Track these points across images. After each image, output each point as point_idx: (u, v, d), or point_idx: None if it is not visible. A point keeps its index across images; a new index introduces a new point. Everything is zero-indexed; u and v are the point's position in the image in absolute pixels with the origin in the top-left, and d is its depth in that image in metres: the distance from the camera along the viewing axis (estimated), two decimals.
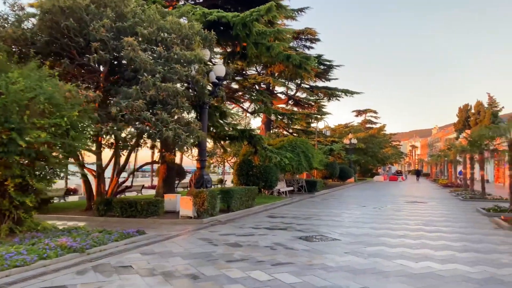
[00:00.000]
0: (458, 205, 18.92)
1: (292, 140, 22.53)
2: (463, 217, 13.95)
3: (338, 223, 12.31)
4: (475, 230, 11.01)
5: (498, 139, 21.15)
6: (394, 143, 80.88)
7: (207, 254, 7.84)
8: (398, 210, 16.43)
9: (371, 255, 7.71)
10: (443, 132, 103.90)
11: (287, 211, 15.76)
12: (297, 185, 25.69)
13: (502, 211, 14.43)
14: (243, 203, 14.98)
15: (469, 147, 22.21)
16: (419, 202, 20.51)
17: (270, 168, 20.33)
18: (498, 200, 20.30)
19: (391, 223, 12.39)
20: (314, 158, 22.59)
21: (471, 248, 8.40)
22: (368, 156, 56.16)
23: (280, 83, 31.00)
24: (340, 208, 17.08)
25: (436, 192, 29.16)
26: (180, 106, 11.71)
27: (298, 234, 10.22)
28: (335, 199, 21.93)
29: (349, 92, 35.83)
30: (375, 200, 21.24)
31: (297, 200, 20.42)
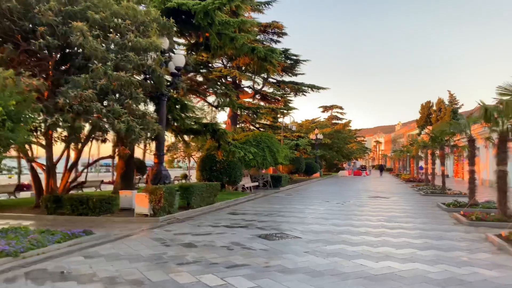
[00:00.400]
0: (419, 200, 19.15)
1: (257, 135, 22.12)
2: (424, 213, 14.00)
3: (300, 219, 12.00)
4: (436, 226, 10.98)
5: (458, 135, 21.61)
6: (359, 138, 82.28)
7: (158, 256, 7.26)
8: (361, 205, 16.37)
9: (331, 254, 7.39)
10: (406, 128, 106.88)
11: (250, 207, 15.35)
12: (262, 181, 25.35)
13: (461, 206, 14.61)
14: (204, 200, 14.43)
15: (430, 143, 22.58)
16: (382, 197, 20.64)
17: (234, 163, 19.83)
18: (457, 195, 20.73)
19: (354, 219, 12.21)
20: (279, 153, 22.29)
21: (431, 245, 8.26)
22: (334, 151, 56.74)
23: (246, 76, 30.49)
24: (304, 203, 16.85)
25: (398, 187, 29.65)
26: (135, 97, 10.98)
27: (258, 232, 9.80)
28: (300, 194, 21.74)
29: (315, 87, 35.85)
30: (339, 195, 21.21)
31: (261, 196, 20.06)
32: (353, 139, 71.27)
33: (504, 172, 11.62)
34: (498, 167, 11.72)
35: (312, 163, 44.25)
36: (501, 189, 11.57)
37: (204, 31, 16.92)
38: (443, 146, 22.28)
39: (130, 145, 11.91)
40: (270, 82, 35.25)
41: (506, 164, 11.67)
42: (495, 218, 11.05)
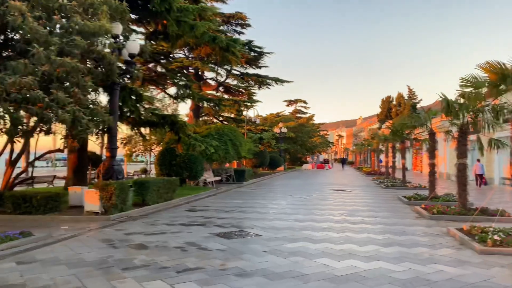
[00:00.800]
0: (380, 193, 19.24)
1: (219, 128, 21.46)
2: (385, 206, 13.93)
3: (262, 215, 11.54)
4: (398, 220, 10.85)
5: (417, 129, 21.92)
6: (322, 132, 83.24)
7: (102, 260, 6.55)
8: (324, 199, 16.17)
9: (292, 253, 6.96)
10: (367, 122, 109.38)
11: (211, 203, 14.75)
12: (225, 175, 24.76)
13: (422, 199, 14.68)
14: (162, 196, 13.67)
15: (391, 136, 22.79)
16: (344, 190, 20.62)
17: (195, 157, 19.12)
18: (417, 188, 21.04)
19: (316, 213, 11.90)
20: (242, 147, 21.76)
21: (394, 241, 8.02)
22: (298, 145, 56.94)
23: (209, 68, 29.67)
24: (266, 198, 16.44)
25: (360, 180, 29.95)
26: (82, 86, 10.06)
27: (217, 230, 9.24)
28: (263, 189, 21.35)
29: (279, 80, 35.52)
30: (303, 189, 21.00)
31: (223, 191, 19.48)
32: (317, 132, 71.94)
33: (464, 165, 11.66)
34: (458, 160, 11.74)
35: (276, 156, 44.09)
36: (461, 182, 11.61)
37: (162, 18, 16.01)
38: (404, 139, 22.55)
39: (80, 137, 10.96)
40: (233, 74, 34.60)
41: (466, 157, 11.72)
42: (455, 211, 11.06)
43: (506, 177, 23.92)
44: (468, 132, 11.79)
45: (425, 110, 15.35)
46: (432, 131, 15.39)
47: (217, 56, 19.97)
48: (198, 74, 32.96)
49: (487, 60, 7.73)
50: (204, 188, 19.64)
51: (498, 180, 24.59)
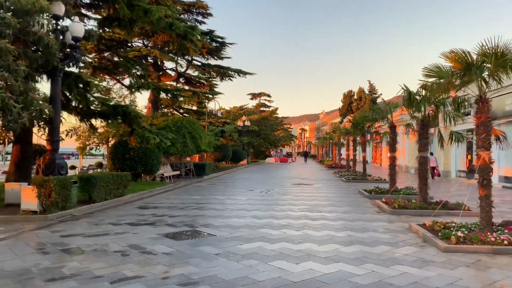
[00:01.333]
0: (341, 186, 19.04)
1: (177, 120, 20.47)
2: (346, 200, 13.62)
3: (218, 212, 10.85)
4: (359, 215, 10.49)
5: (377, 123, 21.91)
6: (285, 126, 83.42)
7: (26, 269, 5.64)
8: (284, 193, 15.69)
9: (246, 256, 6.33)
10: (329, 116, 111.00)
11: (166, 199, 13.88)
12: (184, 169, 23.82)
13: (383, 193, 14.51)
14: (111, 192, 12.67)
15: (352, 130, 22.68)
16: (305, 184, 20.29)
17: (151, 150, 18.09)
18: (377, 181, 21.06)
19: (276, 209, 11.36)
20: (202, 140, 20.90)
21: (355, 239, 7.57)
22: (261, 139, 56.54)
23: (168, 57, 28.45)
24: (226, 193, 15.75)
25: (321, 173, 29.87)
26: (14, 70, 8.91)
27: (167, 230, 8.47)
28: (224, 183, 20.65)
29: (242, 72, 34.79)
30: (264, 183, 20.49)
31: (181, 186, 18.60)
32: (280, 126, 71.93)
33: (425, 159, 11.47)
34: (419, 154, 11.54)
35: (239, 150, 43.44)
36: (422, 175, 11.42)
37: (113, 1, 14.85)
38: (364, 132, 22.51)
39: (12, 128, 9.77)
40: (194, 65, 33.53)
41: (427, 150, 11.53)
42: (416, 206, 10.84)
43: (462, 169, 24.51)
44: (429, 125, 11.60)
45: (386, 103, 15.16)
46: (393, 124, 15.22)
47: (174, 43, 18.93)
48: (157, 64, 31.66)
49: (452, 48, 7.39)
50: (160, 183, 18.68)
51: (455, 172, 25.17)
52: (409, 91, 11.11)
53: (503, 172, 19.90)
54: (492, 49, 7.00)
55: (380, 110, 15.40)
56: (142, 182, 18.22)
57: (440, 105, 11.12)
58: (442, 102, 10.98)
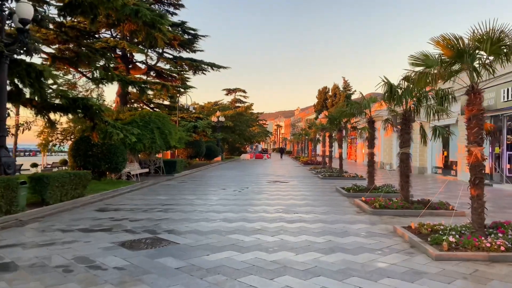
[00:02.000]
0: (318, 184, 18.36)
1: (145, 114, 19.25)
2: (324, 199, 12.89)
3: (186, 215, 9.87)
4: (339, 216, 9.73)
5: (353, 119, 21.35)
6: (261, 122, 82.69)
7: None
8: (259, 192, 14.83)
9: (212, 271, 5.41)
10: (304, 113, 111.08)
11: (129, 200, 12.76)
12: (154, 167, 22.62)
13: (361, 191, 13.89)
14: (68, 193, 11.46)
15: (328, 125, 22.05)
16: (281, 181, 19.51)
17: (116, 147, 16.85)
18: (354, 178, 20.52)
19: (249, 210, 10.48)
20: (172, 136, 19.75)
21: (337, 246, 6.78)
22: (236, 135, 55.57)
23: (137, 49, 27.02)
24: (196, 192, 14.75)
25: (297, 170, 29.23)
26: None
27: (124, 237, 7.44)
28: (196, 181, 19.61)
29: (215, 66, 33.73)
30: (238, 181, 19.58)
31: (149, 185, 17.46)
32: (255, 122, 71.10)
33: (407, 155, 10.85)
34: (401, 150, 10.91)
35: (213, 146, 42.33)
36: (403, 173, 10.80)
37: None
38: (341, 128, 21.92)
39: None
40: (166, 57, 32.24)
41: (409, 146, 10.91)
42: (398, 205, 10.19)
43: (438, 166, 24.34)
44: (411, 120, 10.97)
45: (364, 97, 14.51)
46: (372, 119, 14.62)
47: (142, 33, 17.71)
48: (126, 57, 30.19)
49: (442, 33, 6.67)
50: (126, 182, 17.46)
51: (431, 169, 25.00)
52: (390, 84, 10.43)
53: None
54: (486, 34, 6.31)
55: (358, 104, 14.74)
56: (107, 181, 16.96)
57: (423, 98, 10.48)
58: (425, 95, 10.35)
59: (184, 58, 32.87)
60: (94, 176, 17.25)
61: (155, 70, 31.93)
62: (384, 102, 14.29)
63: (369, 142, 14.50)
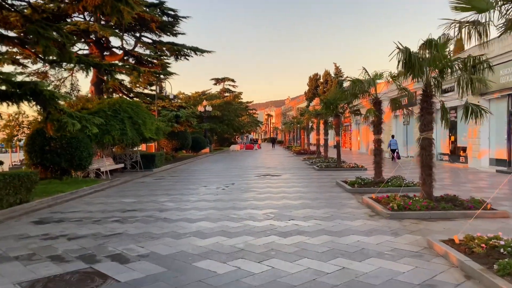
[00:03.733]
0: (314, 176, 16.12)
1: (115, 103, 16.72)
2: (324, 198, 10.63)
3: (147, 227, 7.54)
4: (347, 223, 7.48)
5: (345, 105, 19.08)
6: (251, 112, 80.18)
7: None
8: (247, 189, 12.54)
9: None
10: (295, 101, 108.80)
11: (86, 205, 10.38)
12: (130, 161, 20.19)
13: (367, 185, 11.71)
14: (3, 200, 9.05)
15: (324, 111, 19.78)
16: (273, 174, 17.24)
17: (79, 140, 14.41)
18: (354, 168, 18.35)
19: (231, 217, 8.19)
20: (146, 126, 17.29)
21: (357, 281, 4.51)
22: (224, 125, 53.05)
23: (110, 32, 24.32)
24: (171, 192, 12.41)
25: (290, 161, 26.99)
26: None
27: (43, 271, 5.09)
28: (175, 177, 17.26)
29: (199, 50, 31.10)
30: (224, 176, 17.28)
31: (119, 183, 15.07)
32: (245, 111, 68.61)
33: (429, 141, 8.61)
34: (422, 134, 8.66)
35: (200, 138, 39.84)
36: (425, 163, 8.56)
37: None
38: (338, 113, 19.64)
39: None
40: (144, 42, 29.49)
41: (432, 130, 8.67)
42: (422, 205, 7.96)
43: (444, 152, 22.26)
44: (431, 96, 8.71)
45: (369, 74, 12.20)
46: (378, 99, 12.35)
47: (107, 7, 15.11)
48: (100, 42, 27.48)
49: None
50: (94, 180, 15.03)
51: (436, 155, 22.89)
52: (408, 51, 8.14)
53: (494, 154, 17.65)
54: None
55: (361, 82, 12.42)
56: (69, 180, 14.50)
57: (449, 67, 8.22)
58: (452, 63, 8.09)
59: (165, 42, 30.24)
60: (55, 175, 14.85)
61: (133, 56, 29.21)
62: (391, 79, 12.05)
63: (375, 127, 12.25)
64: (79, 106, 16.73)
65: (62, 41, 13.34)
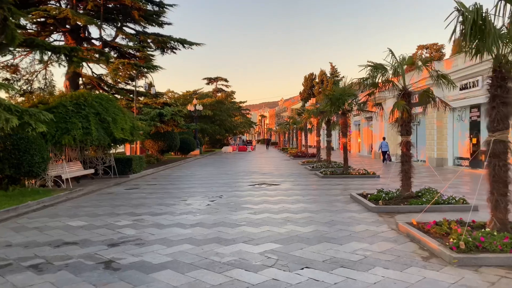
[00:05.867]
0: (320, 186, 13.36)
1: (79, 96, 13.80)
2: (342, 220, 7.87)
3: (78, 283, 4.71)
4: (396, 277, 4.69)
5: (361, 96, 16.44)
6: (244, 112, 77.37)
7: None
8: (237, 206, 9.71)
9: None
10: (289, 101, 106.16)
11: (13, 231, 7.49)
12: (102, 166, 17.28)
13: (394, 201, 8.98)
14: None
15: (329, 107, 17.02)
16: (269, 183, 14.45)
17: (29, 142, 11.54)
18: (365, 175, 15.63)
19: (212, 259, 5.39)
20: (118, 124, 14.39)
21: None
22: (216, 125, 50.14)
23: (84, 18, 21.46)
24: (138, 211, 9.55)
25: (287, 165, 24.21)
26: None
27: None
28: (152, 187, 14.40)
29: (187, 42, 28.29)
30: (211, 184, 14.46)
31: (80, 195, 12.18)
32: (238, 111, 65.78)
33: (505, 145, 5.86)
34: (492, 135, 5.91)
35: (189, 139, 36.94)
36: (498, 178, 5.82)
37: None
38: (345, 111, 16.90)
39: None
40: (126, 32, 26.61)
41: (508, 128, 5.93)
42: (503, 244, 5.21)
43: (463, 157, 19.62)
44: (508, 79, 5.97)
45: (396, 57, 9.47)
46: (407, 90, 9.61)
47: None
48: (76, 31, 24.56)
49: None
50: (47, 191, 12.08)
51: (452, 160, 20.27)
52: (478, 10, 5.42)
53: None
54: None
55: (383, 66, 9.67)
56: (18, 191, 11.55)
57: None
58: None
59: (149, 33, 27.37)
60: (4, 183, 11.95)
61: (113, 47, 26.32)
62: (424, 65, 9.39)
63: (403, 126, 9.50)
64: (36, 100, 13.83)
65: (1, 14, 10.42)
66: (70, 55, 16.84)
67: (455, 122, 20.04)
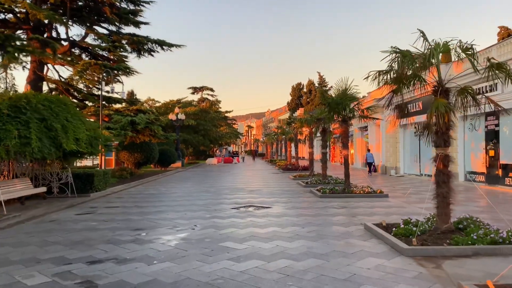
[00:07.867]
0: (321, 211, 10.76)
1: (19, 98, 10.97)
2: (367, 272, 5.30)
3: None
4: None
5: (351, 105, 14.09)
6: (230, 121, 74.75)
7: None
8: (213, 247, 7.02)
9: None
10: (277, 112, 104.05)
11: None
12: (57, 183, 14.40)
13: (431, 238, 6.45)
14: None
15: (326, 113, 14.53)
16: (258, 206, 11.79)
17: None
18: (371, 195, 13.11)
19: None
20: (69, 133, 11.59)
21: None
22: (200, 135, 47.37)
23: (45, 13, 18.71)
24: (74, 254, 6.80)
25: (277, 180, 21.61)
26: None
27: None
28: (112, 210, 11.61)
29: (166, 44, 25.74)
30: (186, 206, 11.76)
31: (11, 224, 9.33)
32: (223, 121, 63.12)
33: None
34: None
35: (169, 150, 34.17)
36: None
37: None
38: (346, 118, 14.41)
39: None
40: (98, 32, 23.91)
41: None
42: None
43: (476, 171, 17.30)
44: None
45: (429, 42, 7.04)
46: (444, 86, 7.13)
47: None
48: (40, 29, 21.79)
49: None
50: None
51: (464, 175, 17.93)
52: None
53: None
54: None
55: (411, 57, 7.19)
56: None
57: None
58: None
59: (123, 33, 24.71)
60: None
61: (82, 48, 23.57)
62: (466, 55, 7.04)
63: (440, 135, 6.99)
64: None
65: None
66: (3, 44, 14.00)
67: (467, 132, 17.77)
